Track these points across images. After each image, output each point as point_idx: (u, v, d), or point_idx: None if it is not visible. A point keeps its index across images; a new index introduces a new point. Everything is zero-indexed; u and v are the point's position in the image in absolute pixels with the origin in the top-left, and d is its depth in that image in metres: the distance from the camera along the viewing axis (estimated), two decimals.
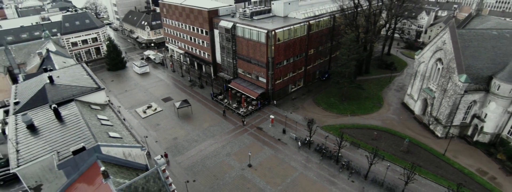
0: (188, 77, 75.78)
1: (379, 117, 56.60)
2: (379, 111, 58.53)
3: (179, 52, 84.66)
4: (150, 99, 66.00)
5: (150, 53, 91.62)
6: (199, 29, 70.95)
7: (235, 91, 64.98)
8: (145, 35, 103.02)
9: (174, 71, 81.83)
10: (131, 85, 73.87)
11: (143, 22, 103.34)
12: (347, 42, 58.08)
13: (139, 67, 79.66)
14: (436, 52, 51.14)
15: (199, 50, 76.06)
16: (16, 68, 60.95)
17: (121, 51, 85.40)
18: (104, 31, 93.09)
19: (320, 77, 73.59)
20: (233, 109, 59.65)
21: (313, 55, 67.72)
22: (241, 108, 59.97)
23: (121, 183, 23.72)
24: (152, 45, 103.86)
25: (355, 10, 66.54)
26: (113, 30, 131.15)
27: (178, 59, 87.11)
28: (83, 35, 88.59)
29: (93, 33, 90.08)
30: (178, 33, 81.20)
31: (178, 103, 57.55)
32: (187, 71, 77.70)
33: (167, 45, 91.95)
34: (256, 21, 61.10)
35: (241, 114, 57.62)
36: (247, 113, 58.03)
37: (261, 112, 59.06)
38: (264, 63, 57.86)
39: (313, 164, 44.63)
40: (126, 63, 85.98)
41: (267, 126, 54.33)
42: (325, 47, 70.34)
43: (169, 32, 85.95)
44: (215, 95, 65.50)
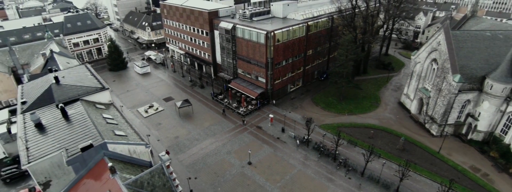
0: (189, 77, 76.90)
1: (376, 116, 57.83)
2: (376, 110, 59.75)
3: (180, 53, 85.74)
4: (152, 99, 67.09)
5: (151, 53, 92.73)
6: (200, 30, 72.05)
7: (235, 91, 66.11)
8: (146, 35, 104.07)
9: (175, 71, 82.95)
10: (132, 85, 74.99)
11: (143, 23, 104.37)
12: (344, 43, 59.29)
13: (140, 67, 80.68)
14: (432, 53, 52.41)
15: (199, 51, 77.19)
16: (20, 69, 62.10)
17: (122, 52, 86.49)
18: (105, 31, 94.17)
19: (319, 77, 74.71)
20: (233, 108, 60.83)
21: (312, 56, 68.86)
22: (241, 107, 61.14)
23: (127, 178, 24.91)
24: (153, 45, 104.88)
25: (353, 11, 67.64)
26: (114, 30, 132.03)
27: (178, 60, 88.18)
28: (84, 36, 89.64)
29: (94, 34, 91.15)
30: (179, 34, 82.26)
31: (179, 102, 58.67)
32: (188, 71, 78.84)
33: (167, 45, 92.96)
34: (256, 22, 62.26)
35: (241, 114, 58.80)
36: (247, 113, 59.19)
37: (261, 112, 60.26)
38: (264, 63, 59.04)
39: (311, 161, 45.86)
40: (127, 63, 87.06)
41: (266, 125, 55.52)
42: (324, 48, 71.44)
43: (170, 32, 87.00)
44: (215, 95, 66.64)
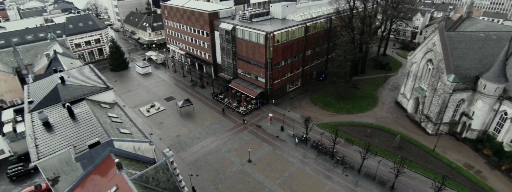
0: (190, 77, 78.07)
1: (373, 115, 59.05)
2: (373, 110, 60.98)
3: (180, 53, 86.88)
4: (153, 98, 68.25)
5: (152, 54, 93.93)
6: (200, 31, 73.20)
7: (235, 91, 67.27)
8: (147, 36, 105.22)
9: (176, 71, 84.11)
10: (134, 85, 76.14)
11: (144, 24, 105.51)
12: (342, 43, 60.49)
13: (142, 67, 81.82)
14: (427, 53, 53.66)
15: (200, 51, 78.35)
16: (24, 69, 63.13)
17: (123, 52, 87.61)
18: (106, 32, 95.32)
19: (317, 77, 75.93)
20: (233, 108, 62.01)
21: (310, 56, 70.05)
22: (241, 107, 62.33)
23: (133, 173, 26.09)
24: (154, 46, 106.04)
25: (351, 12, 68.74)
26: (114, 31, 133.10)
27: (179, 60, 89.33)
28: (86, 37, 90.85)
29: (96, 35, 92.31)
30: (180, 34, 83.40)
31: (181, 102, 59.85)
32: (189, 72, 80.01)
33: (168, 46, 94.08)
34: (255, 23, 63.45)
35: (241, 113, 59.98)
36: (246, 112, 60.39)
37: (260, 111, 61.47)
38: (263, 63, 60.21)
39: (309, 159, 47.08)
40: (128, 63, 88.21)
41: (266, 124, 56.73)
42: (322, 48, 72.60)
43: (171, 33, 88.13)
44: (216, 94, 67.82)
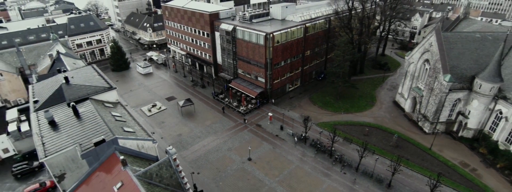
0: (190, 77, 78.97)
1: (371, 114, 59.97)
2: (371, 109, 61.89)
3: (181, 53, 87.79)
4: (155, 98, 69.14)
5: (153, 54, 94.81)
6: (201, 31, 74.07)
7: (235, 91, 68.10)
8: (147, 36, 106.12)
9: (177, 71, 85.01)
10: (135, 85, 77.03)
11: (145, 24, 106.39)
12: (341, 44, 61.41)
13: (143, 67, 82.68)
14: (424, 54, 54.59)
15: (200, 52, 79.23)
16: (27, 69, 64.09)
17: (125, 53, 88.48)
18: (107, 33, 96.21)
19: (316, 77, 76.82)
20: (233, 107, 62.90)
21: (310, 56, 70.95)
22: (241, 106, 63.23)
23: (137, 170, 26.99)
24: (154, 46, 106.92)
25: (349, 13, 69.65)
26: (115, 31, 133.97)
27: (180, 60, 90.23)
28: (88, 37, 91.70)
29: (97, 35, 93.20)
30: (180, 35, 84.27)
31: (182, 102, 60.75)
32: (189, 72, 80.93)
33: (169, 46, 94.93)
34: (255, 24, 64.36)
35: (241, 112, 60.89)
36: (247, 111, 61.30)
37: (260, 110, 62.38)
38: (263, 64, 61.12)
39: (308, 158, 48.00)
40: (130, 64, 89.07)
41: (265, 123, 57.64)
42: (321, 49, 73.50)
43: (171, 34, 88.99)
44: (216, 94, 68.72)
